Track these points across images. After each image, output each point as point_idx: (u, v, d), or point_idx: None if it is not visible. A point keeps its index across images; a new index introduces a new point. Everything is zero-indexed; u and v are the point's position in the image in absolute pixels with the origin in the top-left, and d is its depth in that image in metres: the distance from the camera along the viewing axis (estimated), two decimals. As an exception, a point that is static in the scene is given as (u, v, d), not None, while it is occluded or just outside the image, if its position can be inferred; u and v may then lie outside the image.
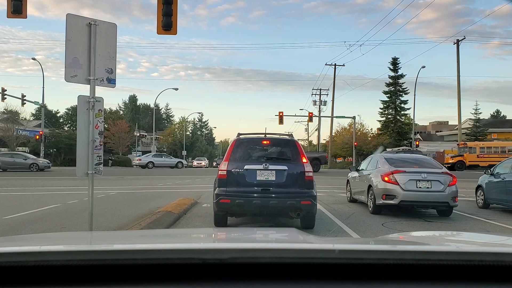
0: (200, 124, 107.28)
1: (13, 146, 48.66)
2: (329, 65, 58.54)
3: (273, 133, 9.88)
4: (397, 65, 60.75)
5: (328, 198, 14.95)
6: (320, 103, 61.85)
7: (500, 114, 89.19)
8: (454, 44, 48.51)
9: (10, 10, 11.50)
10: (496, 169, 12.97)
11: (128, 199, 14.05)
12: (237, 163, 8.33)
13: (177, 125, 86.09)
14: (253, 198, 8.10)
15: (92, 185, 6.53)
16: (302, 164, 8.39)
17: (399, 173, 10.84)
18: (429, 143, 59.02)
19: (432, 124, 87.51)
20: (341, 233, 8.46)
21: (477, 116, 60.73)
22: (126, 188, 18.41)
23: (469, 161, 43.73)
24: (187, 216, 10.51)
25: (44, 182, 21.62)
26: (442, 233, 4.06)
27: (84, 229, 7.63)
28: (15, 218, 9.75)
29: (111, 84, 6.59)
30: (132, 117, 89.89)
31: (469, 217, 11.27)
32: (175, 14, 11.57)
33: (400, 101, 61.23)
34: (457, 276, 1.39)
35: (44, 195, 14.94)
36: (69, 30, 6.24)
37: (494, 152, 44.63)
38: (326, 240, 2.81)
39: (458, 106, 48.98)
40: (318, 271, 1.39)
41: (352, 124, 55.98)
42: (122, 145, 59.72)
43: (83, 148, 6.38)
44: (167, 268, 1.38)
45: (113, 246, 1.83)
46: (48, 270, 1.34)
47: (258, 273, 1.37)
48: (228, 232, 3.87)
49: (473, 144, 46.91)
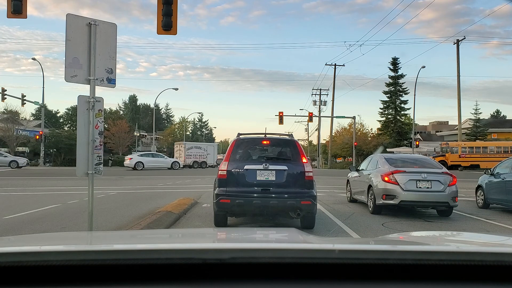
0: (200, 124, 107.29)
1: (13, 146, 48.67)
2: (329, 65, 58.68)
3: (273, 133, 9.89)
4: (397, 65, 60.86)
5: (328, 198, 14.95)
6: (320, 103, 61.85)
7: (500, 114, 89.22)
8: (454, 44, 48.58)
9: (10, 10, 11.49)
10: (496, 169, 12.97)
11: (128, 199, 14.05)
12: (237, 163, 8.34)
13: (177, 125, 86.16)
14: (253, 198, 8.11)
15: (92, 185, 6.53)
16: (302, 164, 8.39)
17: (399, 173, 10.84)
18: (429, 143, 59.01)
19: (432, 124, 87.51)
20: (341, 233, 8.46)
21: (477, 116, 60.76)
22: (126, 188, 18.41)
23: (451, 161, 43.19)
24: (187, 216, 10.51)
25: (44, 182, 21.61)
26: (442, 233, 4.05)
27: (84, 229, 7.63)
28: (15, 218, 9.75)
29: (111, 84, 6.59)
30: (132, 117, 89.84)
31: (469, 217, 11.27)
32: (175, 14, 11.56)
33: (400, 101, 61.30)
34: (457, 276, 1.39)
35: (44, 195, 14.94)
36: (69, 30, 6.24)
37: (476, 152, 44.42)
38: (326, 240, 2.81)
39: (458, 106, 48.99)
40: (318, 271, 1.39)
41: (352, 124, 56.02)
42: (122, 145, 59.68)
43: (83, 148, 6.38)
44: (167, 268, 1.38)
45: (113, 246, 1.83)
46: (48, 270, 1.34)
47: (258, 273, 1.37)
48: (228, 232, 3.87)
49: (455, 144, 46.65)
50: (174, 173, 33.98)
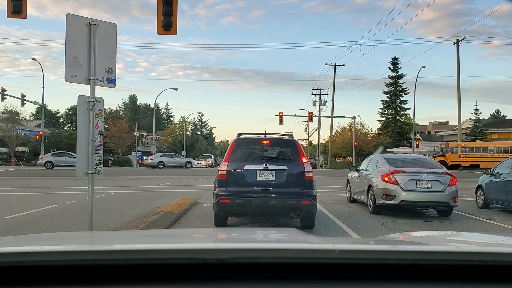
0: (200, 124, 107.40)
1: (13, 146, 48.64)
2: (329, 65, 58.72)
3: (273, 133, 9.89)
4: (397, 65, 60.85)
5: (328, 198, 14.95)
6: (320, 103, 61.92)
7: (500, 114, 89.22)
8: (454, 44, 48.55)
9: (10, 10, 11.49)
10: (496, 169, 12.97)
11: (128, 199, 14.05)
12: (237, 163, 8.33)
13: (177, 125, 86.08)
14: (253, 198, 8.10)
15: (92, 185, 6.53)
16: (302, 164, 8.39)
17: (399, 173, 10.84)
18: (429, 143, 59.01)
19: (432, 124, 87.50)
20: (341, 233, 8.46)
21: (477, 116, 60.78)
22: (126, 188, 18.40)
23: (451, 161, 43.06)
24: (187, 216, 10.51)
25: (44, 182, 21.61)
26: (442, 233, 4.06)
27: (84, 229, 7.62)
28: (15, 218, 9.75)
29: (111, 84, 6.59)
30: (132, 117, 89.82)
31: (469, 217, 11.27)
32: (175, 14, 11.56)
33: (400, 101, 61.30)
34: (457, 276, 1.39)
35: (44, 195, 14.94)
36: (69, 30, 6.24)
37: (476, 152, 44.35)
38: (326, 240, 2.81)
39: (458, 106, 48.98)
40: (318, 271, 1.39)
41: (352, 124, 56.01)
42: (122, 145, 59.64)
43: (83, 148, 6.37)
44: (167, 268, 1.38)
45: (113, 246, 1.83)
46: (48, 270, 1.34)
47: (258, 273, 1.37)
48: (228, 232, 3.87)
49: (455, 144, 46.59)
50: (174, 173, 34.02)
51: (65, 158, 41.13)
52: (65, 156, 41.50)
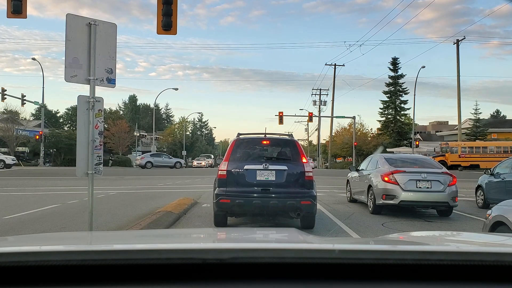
0: (200, 124, 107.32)
1: (13, 146, 48.63)
2: (329, 65, 58.75)
3: (273, 133, 9.89)
4: (397, 65, 60.86)
5: (328, 198, 14.95)
6: (320, 103, 61.93)
7: (500, 114, 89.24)
8: (454, 44, 48.56)
9: (10, 10, 11.49)
10: (496, 169, 12.97)
11: (128, 199, 14.05)
12: (237, 163, 8.33)
13: (177, 125, 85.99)
14: (253, 198, 8.10)
15: (92, 185, 6.53)
16: (302, 164, 8.39)
17: (399, 173, 10.84)
18: (429, 143, 59.01)
19: (432, 124, 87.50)
20: (341, 233, 8.46)
21: (477, 116, 60.72)
22: (126, 188, 18.40)
23: (451, 161, 42.99)
24: (187, 216, 10.51)
25: (44, 182, 21.61)
26: (442, 233, 4.05)
27: (84, 229, 7.62)
28: (15, 218, 9.74)
29: (111, 84, 6.59)
30: (132, 117, 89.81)
31: (469, 217, 11.27)
32: (175, 14, 11.56)
33: (400, 101, 61.30)
34: (457, 276, 1.39)
35: (44, 195, 14.94)
36: (69, 30, 6.24)
37: (475, 152, 44.31)
38: (326, 240, 2.80)
39: (458, 106, 48.98)
40: (318, 271, 1.39)
41: (352, 124, 56.01)
42: (122, 145, 59.62)
43: (83, 148, 6.38)
44: (167, 268, 1.38)
45: (113, 246, 1.83)
46: (48, 270, 1.34)
47: (258, 273, 1.37)
48: (228, 232, 3.87)
49: (455, 144, 46.56)
50: (174, 173, 34.02)
51: (163, 158, 45.61)
52: (162, 157, 45.91)
